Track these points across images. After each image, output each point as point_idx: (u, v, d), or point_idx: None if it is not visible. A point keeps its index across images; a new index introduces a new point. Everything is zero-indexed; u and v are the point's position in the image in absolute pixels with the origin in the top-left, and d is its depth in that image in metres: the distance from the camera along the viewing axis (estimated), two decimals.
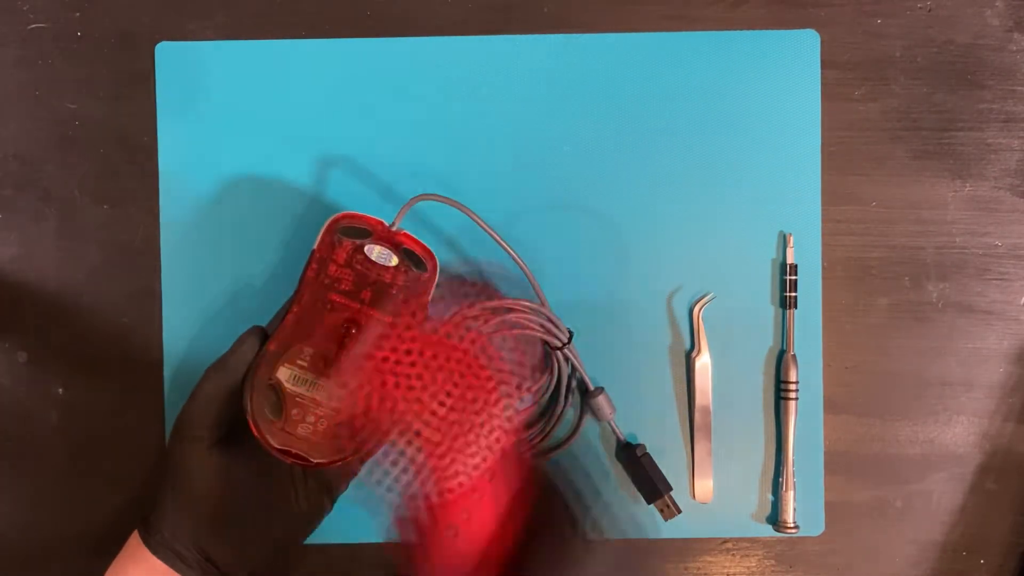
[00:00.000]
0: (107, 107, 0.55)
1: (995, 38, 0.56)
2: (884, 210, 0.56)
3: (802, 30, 0.55)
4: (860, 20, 0.56)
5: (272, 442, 0.45)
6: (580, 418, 0.54)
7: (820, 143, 0.55)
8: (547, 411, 0.54)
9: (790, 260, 0.55)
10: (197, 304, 0.54)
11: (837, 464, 0.55)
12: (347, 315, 0.47)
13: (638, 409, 0.55)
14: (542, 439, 0.53)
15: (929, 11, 0.56)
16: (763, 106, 0.55)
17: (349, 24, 0.55)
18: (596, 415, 0.54)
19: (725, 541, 0.56)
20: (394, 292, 0.48)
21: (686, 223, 0.55)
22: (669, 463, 0.54)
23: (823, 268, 0.55)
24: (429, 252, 0.49)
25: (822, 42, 0.55)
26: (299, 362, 0.46)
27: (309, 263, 0.48)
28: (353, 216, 0.49)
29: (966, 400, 0.56)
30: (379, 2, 0.55)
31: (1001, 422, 0.56)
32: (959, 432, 0.56)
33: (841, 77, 0.55)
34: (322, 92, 0.55)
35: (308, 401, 0.46)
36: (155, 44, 0.55)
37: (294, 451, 0.45)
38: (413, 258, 0.49)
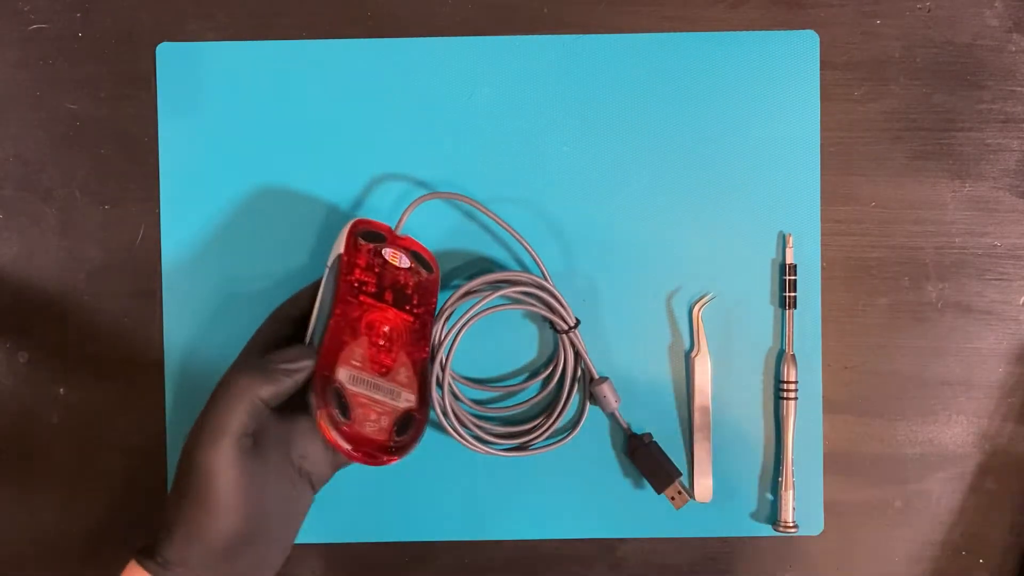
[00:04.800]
0: (108, 107, 0.55)
1: (994, 38, 0.56)
2: (883, 210, 0.56)
3: (801, 31, 0.55)
4: (859, 20, 0.56)
5: (343, 443, 0.44)
6: (583, 407, 0.54)
7: (819, 143, 0.55)
8: (553, 400, 0.54)
9: (789, 260, 0.55)
10: (197, 304, 0.54)
11: (837, 464, 0.55)
12: (377, 315, 0.47)
13: (638, 409, 0.55)
14: (547, 428, 0.53)
15: (929, 11, 0.56)
16: (762, 106, 0.55)
17: (349, 24, 0.55)
18: (601, 405, 0.53)
19: (725, 541, 0.56)
20: (409, 293, 0.49)
21: (686, 223, 0.55)
22: None
23: (822, 268, 0.55)
24: (430, 255, 0.51)
25: (821, 43, 0.55)
26: (353, 362, 0.46)
27: (341, 267, 0.48)
28: (367, 222, 0.50)
29: (966, 400, 0.56)
30: (379, 3, 0.55)
31: (1001, 422, 0.56)
32: (959, 432, 0.56)
33: (840, 77, 0.55)
34: (322, 93, 0.55)
35: (369, 400, 0.45)
36: (156, 45, 0.55)
37: (363, 450, 0.44)
38: (420, 260, 0.50)
